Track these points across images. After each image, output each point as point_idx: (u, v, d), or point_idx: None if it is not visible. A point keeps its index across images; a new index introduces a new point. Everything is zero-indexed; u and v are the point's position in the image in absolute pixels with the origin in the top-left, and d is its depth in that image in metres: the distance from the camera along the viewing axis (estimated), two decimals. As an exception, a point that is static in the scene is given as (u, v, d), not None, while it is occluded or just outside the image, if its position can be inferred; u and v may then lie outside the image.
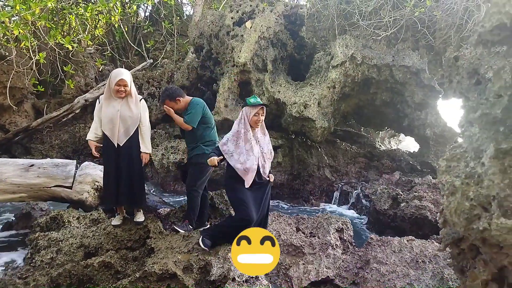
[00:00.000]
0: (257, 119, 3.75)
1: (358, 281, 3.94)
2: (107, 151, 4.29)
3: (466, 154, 2.01)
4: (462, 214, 2.03)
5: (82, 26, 10.44)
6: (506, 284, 2.08)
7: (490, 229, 1.87)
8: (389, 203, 6.22)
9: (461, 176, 2.02)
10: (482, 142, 1.88)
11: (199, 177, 4.55)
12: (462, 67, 1.97)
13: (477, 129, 1.92)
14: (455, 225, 2.12)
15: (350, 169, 8.70)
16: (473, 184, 1.98)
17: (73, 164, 5.51)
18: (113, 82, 4.08)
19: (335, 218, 4.88)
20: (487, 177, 1.88)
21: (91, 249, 4.13)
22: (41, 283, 3.51)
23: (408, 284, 3.55)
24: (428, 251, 3.96)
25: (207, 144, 4.58)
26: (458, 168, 2.02)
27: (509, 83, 1.80)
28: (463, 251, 2.41)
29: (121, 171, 4.30)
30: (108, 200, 4.46)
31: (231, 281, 3.28)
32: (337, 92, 7.73)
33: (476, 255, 2.28)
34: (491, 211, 1.90)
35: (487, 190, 1.90)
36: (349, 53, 7.53)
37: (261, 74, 7.83)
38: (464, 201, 2.01)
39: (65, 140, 9.57)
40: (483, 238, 1.98)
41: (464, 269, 2.46)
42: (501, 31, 1.94)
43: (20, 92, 9.60)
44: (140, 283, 3.33)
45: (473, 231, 1.99)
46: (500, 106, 1.87)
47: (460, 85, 2.00)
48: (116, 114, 4.17)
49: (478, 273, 2.20)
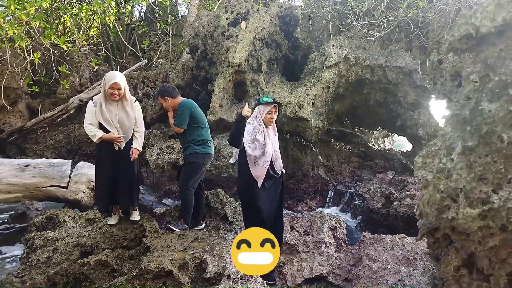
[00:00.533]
0: (270, 117, 3.87)
1: (351, 278, 4.01)
2: (105, 154, 4.29)
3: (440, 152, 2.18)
4: (433, 205, 2.21)
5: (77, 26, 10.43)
6: (475, 269, 2.27)
7: (457, 218, 2.05)
8: (382, 202, 6.31)
9: (433, 171, 2.23)
10: (453, 140, 2.05)
11: (191, 176, 4.61)
12: (446, 69, 2.08)
13: (450, 129, 2.09)
14: (428, 215, 2.31)
15: (344, 169, 8.78)
16: (444, 178, 2.17)
17: (69, 164, 5.54)
18: (106, 85, 4.11)
19: (329, 217, 4.95)
20: (456, 172, 2.08)
21: (87, 248, 4.16)
22: (38, 281, 3.54)
23: (400, 281, 3.62)
24: (419, 248, 4.04)
25: (198, 144, 4.65)
26: (433, 164, 2.21)
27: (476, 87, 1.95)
28: (437, 240, 2.60)
29: (120, 173, 4.33)
30: (103, 201, 4.46)
31: (226, 279, 3.34)
32: (331, 93, 7.81)
33: (449, 244, 2.47)
34: (458, 202, 2.09)
35: (455, 183, 2.09)
36: (343, 54, 7.61)
37: (256, 74, 7.89)
38: (436, 194, 2.20)
39: (59, 140, 9.55)
40: (452, 226, 2.15)
41: (439, 256, 2.65)
42: (468, 40, 2.14)
43: (14, 92, 9.58)
44: (136, 281, 3.37)
45: (443, 220, 2.17)
46: (469, 107, 2.05)
47: (444, 87, 2.11)
48: (114, 118, 4.19)
49: (451, 259, 2.39)
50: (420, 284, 3.53)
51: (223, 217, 5.03)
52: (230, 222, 4.94)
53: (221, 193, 5.34)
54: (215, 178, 7.58)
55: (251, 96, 7.89)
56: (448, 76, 2.03)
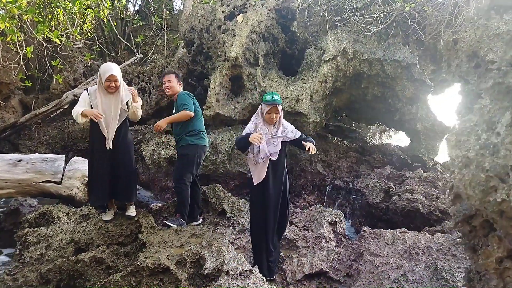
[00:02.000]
0: (270, 117, 3.77)
1: (352, 273, 3.95)
2: (99, 148, 4.19)
3: (477, 128, 1.96)
4: (477, 186, 1.96)
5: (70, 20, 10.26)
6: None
7: (509, 200, 1.80)
8: (381, 197, 6.25)
9: (474, 148, 1.95)
10: (494, 114, 1.83)
11: (184, 169, 4.51)
12: (461, 50, 1.94)
13: (488, 101, 1.87)
14: (470, 199, 2.04)
15: (342, 164, 8.71)
16: (489, 155, 1.90)
17: (62, 159, 5.43)
18: (103, 78, 4.01)
19: (328, 212, 4.89)
20: (504, 147, 1.82)
21: (82, 244, 4.07)
22: (30, 279, 3.44)
23: (402, 276, 3.56)
24: (421, 242, 3.98)
25: (190, 135, 4.56)
26: (469, 141, 1.97)
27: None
28: (474, 228, 2.33)
29: (118, 168, 4.25)
30: (99, 197, 4.35)
31: (225, 275, 3.25)
32: (329, 87, 7.72)
33: (488, 232, 2.20)
34: (508, 182, 1.83)
35: (504, 160, 1.83)
36: (340, 48, 7.53)
37: (252, 68, 7.78)
38: (480, 173, 1.94)
39: (53, 136, 9.39)
40: (500, 210, 1.90)
41: (475, 247, 2.37)
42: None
43: (7, 88, 9.41)
44: (132, 278, 3.28)
45: (489, 204, 1.92)
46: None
47: (459, 69, 1.98)
48: (110, 115, 4.09)
49: (492, 250, 2.12)
50: (423, 279, 3.47)
51: (220, 213, 4.95)
52: (227, 218, 4.86)
53: (218, 188, 5.25)
54: (212, 173, 7.48)
55: (248, 90, 7.79)
56: (464, 56, 1.90)
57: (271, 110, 3.77)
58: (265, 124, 3.83)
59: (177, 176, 4.51)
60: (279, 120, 3.87)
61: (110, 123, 4.09)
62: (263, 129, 3.80)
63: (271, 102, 3.75)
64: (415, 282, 3.46)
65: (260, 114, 3.87)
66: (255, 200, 3.93)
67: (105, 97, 4.07)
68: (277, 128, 3.88)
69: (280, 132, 3.88)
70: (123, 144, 4.24)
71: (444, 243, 3.88)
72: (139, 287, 3.24)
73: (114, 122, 4.12)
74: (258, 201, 3.88)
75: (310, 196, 7.83)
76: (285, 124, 3.98)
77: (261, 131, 3.76)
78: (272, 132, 3.84)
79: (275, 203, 3.87)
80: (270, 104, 3.75)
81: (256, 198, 3.91)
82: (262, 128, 3.80)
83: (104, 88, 4.05)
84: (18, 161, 5.21)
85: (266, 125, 3.83)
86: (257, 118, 3.87)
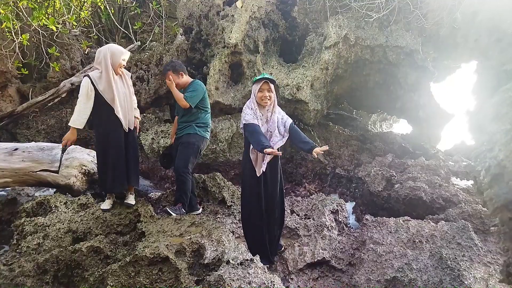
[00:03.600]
0: (262, 95, 3.63)
1: (354, 262, 3.89)
2: (116, 136, 4.11)
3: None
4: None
5: (67, 8, 10.07)
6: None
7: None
8: (383, 185, 6.17)
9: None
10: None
11: (189, 158, 4.42)
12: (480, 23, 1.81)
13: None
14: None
15: (343, 152, 8.62)
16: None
17: (59, 148, 5.32)
18: (118, 59, 3.89)
19: (330, 200, 4.82)
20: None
21: (80, 234, 4.01)
22: (26, 269, 3.38)
23: (406, 264, 3.49)
24: (424, 231, 3.91)
25: (199, 125, 4.47)
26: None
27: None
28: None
29: (130, 153, 4.24)
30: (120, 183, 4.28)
31: (226, 264, 3.19)
32: (330, 74, 7.60)
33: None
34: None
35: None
36: (342, 34, 7.38)
37: (252, 55, 7.65)
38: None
39: (51, 125, 9.29)
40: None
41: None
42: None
43: (3, 76, 9.26)
44: (131, 268, 3.21)
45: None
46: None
47: (478, 44, 1.86)
48: (123, 98, 4.04)
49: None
50: (428, 267, 3.40)
51: (221, 201, 4.88)
52: (228, 206, 4.79)
53: (218, 177, 5.17)
54: (211, 162, 7.40)
55: (248, 78, 7.67)
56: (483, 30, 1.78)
57: (262, 88, 3.63)
58: (260, 108, 3.71)
59: (182, 164, 4.40)
60: (274, 104, 3.75)
61: (125, 106, 4.03)
62: (258, 114, 3.68)
63: (260, 78, 3.66)
64: (419, 271, 3.39)
65: (253, 97, 3.73)
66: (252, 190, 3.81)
67: (114, 80, 3.97)
68: (272, 113, 3.77)
69: (276, 118, 3.78)
70: (134, 129, 4.30)
71: (448, 231, 3.81)
72: (138, 277, 3.18)
73: (130, 104, 4.10)
74: (254, 191, 3.77)
75: (310, 185, 7.75)
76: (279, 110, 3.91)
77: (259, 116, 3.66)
78: (266, 116, 3.73)
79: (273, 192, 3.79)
80: (260, 80, 3.64)
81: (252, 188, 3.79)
82: (257, 114, 3.67)
83: (116, 69, 3.95)
84: (14, 149, 5.12)
85: (261, 109, 3.72)
86: (251, 103, 3.74)
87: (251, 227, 3.89)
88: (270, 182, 3.78)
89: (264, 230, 3.79)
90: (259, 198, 3.76)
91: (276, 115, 3.80)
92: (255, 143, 3.48)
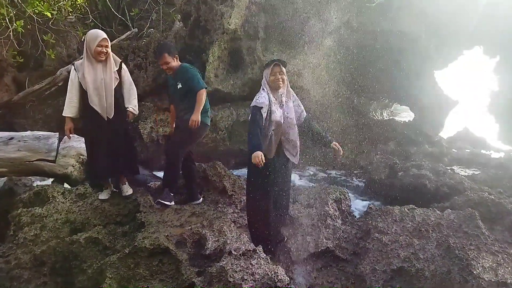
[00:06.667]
0: (274, 79, 3.52)
1: (359, 251, 3.81)
2: (95, 126, 3.99)
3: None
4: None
5: (62, -6, 9.84)
6: None
7: None
8: (385, 173, 6.07)
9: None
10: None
11: (185, 144, 4.32)
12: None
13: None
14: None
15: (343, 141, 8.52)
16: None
17: (56, 137, 5.22)
18: (93, 43, 3.77)
19: (333, 189, 4.72)
20: None
21: (77, 224, 3.92)
22: (23, 261, 3.30)
23: (413, 254, 3.41)
24: (430, 219, 3.81)
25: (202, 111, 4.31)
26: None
27: None
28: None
29: (114, 144, 4.06)
30: (99, 175, 4.22)
31: (227, 255, 3.10)
32: (332, 60, 7.46)
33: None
34: None
35: None
36: (344, 19, 7.22)
37: (252, 41, 7.49)
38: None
39: (49, 114, 9.16)
40: None
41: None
42: None
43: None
44: (130, 259, 3.13)
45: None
46: None
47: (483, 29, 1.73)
48: (101, 84, 3.88)
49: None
50: (435, 257, 3.31)
51: (221, 191, 4.77)
52: (229, 196, 4.69)
53: (219, 166, 5.05)
54: (212, 151, 7.30)
55: (248, 65, 7.52)
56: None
57: (274, 71, 3.52)
58: (273, 92, 3.59)
59: (176, 149, 4.29)
60: (287, 88, 3.65)
61: (101, 93, 3.87)
62: (271, 98, 3.56)
63: (271, 61, 3.57)
64: (426, 261, 3.31)
65: (265, 82, 3.61)
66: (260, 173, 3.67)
67: (93, 67, 3.84)
68: (287, 98, 3.66)
69: (291, 104, 3.67)
70: (118, 114, 4.05)
71: (455, 220, 3.72)
72: (138, 268, 3.10)
73: (108, 91, 3.91)
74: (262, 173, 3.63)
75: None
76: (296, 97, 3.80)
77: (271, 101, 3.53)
78: (281, 100, 3.61)
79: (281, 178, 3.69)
80: (270, 63, 3.54)
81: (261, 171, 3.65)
82: (271, 98, 3.55)
83: (93, 56, 3.82)
84: (10, 139, 5.00)
85: (274, 93, 3.60)
86: (266, 87, 3.61)
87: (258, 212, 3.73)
88: (278, 167, 3.67)
89: (270, 216, 3.69)
90: (268, 182, 3.63)
91: (291, 101, 3.70)
92: (249, 141, 3.42)
